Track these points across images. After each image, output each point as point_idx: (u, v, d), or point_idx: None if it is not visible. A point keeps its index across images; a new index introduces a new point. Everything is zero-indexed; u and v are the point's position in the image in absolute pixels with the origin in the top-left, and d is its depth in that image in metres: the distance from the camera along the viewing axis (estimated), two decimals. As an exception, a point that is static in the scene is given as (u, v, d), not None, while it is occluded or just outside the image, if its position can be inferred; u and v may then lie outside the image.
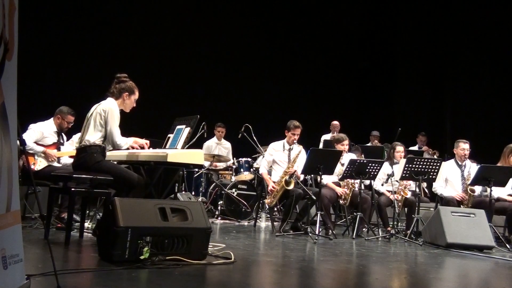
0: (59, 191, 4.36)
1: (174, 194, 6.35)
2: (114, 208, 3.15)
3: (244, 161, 7.48)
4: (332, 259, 4.17)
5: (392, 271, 3.84)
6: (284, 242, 4.99)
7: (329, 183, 6.04)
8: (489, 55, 9.85)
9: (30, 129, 5.19)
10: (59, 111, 5.35)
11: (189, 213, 3.43)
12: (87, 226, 4.68)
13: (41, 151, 5.08)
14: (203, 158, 4.46)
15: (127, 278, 2.81)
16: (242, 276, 3.26)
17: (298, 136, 6.01)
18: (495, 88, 9.69)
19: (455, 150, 6.29)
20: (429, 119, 11.02)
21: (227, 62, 10.15)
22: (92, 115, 4.17)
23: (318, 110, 10.60)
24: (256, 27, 10.67)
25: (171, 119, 5.04)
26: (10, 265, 1.99)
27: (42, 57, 7.82)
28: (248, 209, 7.06)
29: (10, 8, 2.02)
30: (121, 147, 4.19)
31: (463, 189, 6.05)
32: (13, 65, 2.05)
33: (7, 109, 2.00)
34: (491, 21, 9.78)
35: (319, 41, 11.26)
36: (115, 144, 4.14)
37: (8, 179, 1.99)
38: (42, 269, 2.75)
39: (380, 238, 5.65)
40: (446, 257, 4.71)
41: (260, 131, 7.66)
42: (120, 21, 9.07)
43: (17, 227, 2.11)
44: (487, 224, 5.34)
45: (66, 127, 5.40)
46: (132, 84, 4.30)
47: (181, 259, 3.24)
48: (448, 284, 3.55)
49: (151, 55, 9.32)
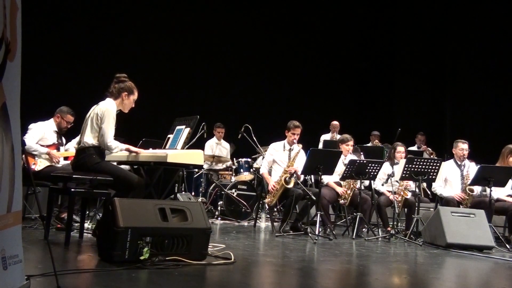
0: (59, 191, 4.36)
1: (174, 194, 6.35)
2: (114, 209, 3.15)
3: (244, 162, 7.49)
4: (332, 259, 4.17)
5: (392, 271, 3.85)
6: (284, 242, 4.99)
7: (330, 183, 6.04)
8: (489, 55, 9.85)
9: (31, 129, 5.19)
10: (59, 110, 5.38)
11: (189, 213, 3.44)
12: (87, 227, 4.67)
13: (45, 152, 5.08)
14: (202, 158, 4.47)
15: (127, 278, 2.81)
16: (242, 277, 3.26)
17: (298, 136, 6.02)
18: (495, 88, 9.68)
19: (454, 150, 6.29)
20: (429, 119, 11.01)
21: (227, 62, 10.14)
22: (90, 116, 4.17)
23: (318, 110, 10.60)
24: (256, 27, 10.66)
25: (171, 119, 5.04)
26: (10, 266, 1.99)
27: (42, 57, 7.81)
28: (248, 210, 7.07)
29: (12, 8, 2.00)
30: (112, 149, 4.11)
31: (462, 189, 6.05)
32: (15, 66, 2.03)
33: (8, 110, 1.99)
34: (491, 21, 9.78)
35: (319, 41, 11.26)
36: (105, 145, 4.07)
37: (9, 180, 1.99)
38: (42, 269, 2.75)
39: (380, 238, 5.65)
40: (446, 257, 4.71)
41: (260, 131, 7.67)
42: (120, 21, 9.06)
43: (17, 227, 2.11)
44: (487, 224, 5.34)
45: (65, 127, 5.39)
46: (131, 84, 4.29)
47: (181, 260, 3.24)
48: (448, 284, 3.55)
49: (151, 55, 9.32)
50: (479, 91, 9.98)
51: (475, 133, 9.09)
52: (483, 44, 9.96)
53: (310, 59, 11.19)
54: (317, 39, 11.25)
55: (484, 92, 9.87)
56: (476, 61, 10.14)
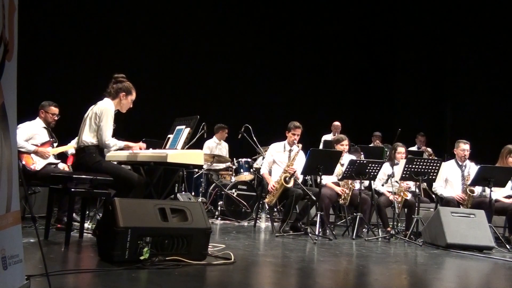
0: (59, 191, 4.35)
1: (174, 194, 6.34)
2: (114, 209, 3.15)
3: (244, 162, 7.48)
4: (332, 260, 4.17)
5: (392, 272, 3.84)
6: (284, 242, 4.99)
7: (328, 183, 6.04)
8: (489, 55, 9.85)
9: (19, 128, 5.11)
10: (41, 106, 5.28)
11: (189, 213, 3.44)
12: (87, 227, 4.67)
13: (33, 150, 5.00)
14: (202, 158, 4.46)
15: (127, 278, 2.81)
16: (242, 277, 3.25)
17: (298, 136, 6.02)
18: (495, 88, 9.69)
19: (455, 150, 6.29)
20: (429, 119, 11.02)
21: (227, 62, 10.14)
22: (88, 116, 4.18)
23: (318, 110, 10.60)
24: (256, 27, 10.67)
25: (171, 119, 5.04)
26: (10, 266, 1.99)
27: (40, 57, 7.80)
28: (248, 210, 7.06)
29: (10, 8, 2.01)
30: (109, 147, 4.14)
31: (463, 190, 6.05)
32: (13, 66, 2.05)
33: (7, 110, 2.00)
34: (491, 21, 9.78)
35: (319, 41, 11.26)
36: (103, 143, 4.08)
37: (8, 180, 1.99)
38: (42, 269, 2.74)
39: (380, 238, 5.65)
40: (445, 257, 4.71)
41: (260, 131, 7.66)
42: (120, 21, 9.06)
43: (17, 227, 2.11)
44: (487, 225, 5.34)
45: (52, 120, 5.26)
46: (129, 84, 4.29)
47: (181, 260, 3.24)
48: (448, 285, 3.55)
49: (151, 55, 9.32)
50: (479, 91, 9.98)
51: (475, 133, 9.07)
52: (483, 44, 9.97)
53: (311, 59, 11.19)
54: (317, 40, 11.24)
55: (484, 92, 9.87)
56: (476, 61, 10.15)
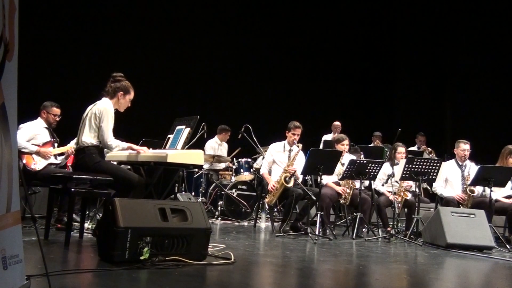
0: (59, 191, 4.35)
1: (174, 194, 6.35)
2: (114, 209, 3.15)
3: (244, 162, 7.48)
4: (332, 260, 4.17)
5: (392, 272, 3.84)
6: (284, 242, 4.99)
7: (329, 183, 6.04)
8: (489, 55, 9.85)
9: (21, 128, 5.13)
10: (43, 106, 5.30)
11: (189, 213, 3.44)
12: (87, 227, 4.67)
13: (35, 150, 5.01)
14: (202, 158, 4.46)
15: (127, 278, 2.81)
16: (242, 277, 3.25)
17: (298, 136, 6.02)
18: (495, 88, 9.69)
19: (456, 150, 6.29)
20: (429, 119, 11.02)
21: (227, 62, 10.14)
22: (87, 116, 4.16)
23: (318, 110, 10.60)
24: (256, 27, 10.67)
25: (171, 119, 5.04)
26: (10, 266, 1.99)
27: (40, 57, 7.80)
28: (248, 210, 7.06)
29: (10, 8, 2.01)
30: (112, 148, 4.14)
31: (463, 190, 6.05)
32: (13, 66, 2.05)
33: (7, 110, 2.00)
34: (491, 22, 9.78)
35: (319, 41, 11.26)
36: (106, 144, 4.09)
37: (8, 180, 1.99)
38: (42, 269, 2.74)
39: (380, 238, 5.65)
40: (446, 257, 4.71)
41: (260, 131, 7.66)
42: (119, 20, 9.06)
43: (17, 227, 2.11)
44: (487, 225, 5.34)
45: (53, 121, 5.29)
46: (128, 83, 4.28)
47: (181, 260, 3.24)
48: (448, 285, 3.55)
49: (151, 55, 9.32)
50: (479, 91, 9.98)
51: (475, 133, 9.07)
52: (484, 44, 9.96)
53: (311, 59, 11.19)
54: (318, 39, 11.25)
55: (484, 92, 9.87)
56: (476, 61, 10.15)
